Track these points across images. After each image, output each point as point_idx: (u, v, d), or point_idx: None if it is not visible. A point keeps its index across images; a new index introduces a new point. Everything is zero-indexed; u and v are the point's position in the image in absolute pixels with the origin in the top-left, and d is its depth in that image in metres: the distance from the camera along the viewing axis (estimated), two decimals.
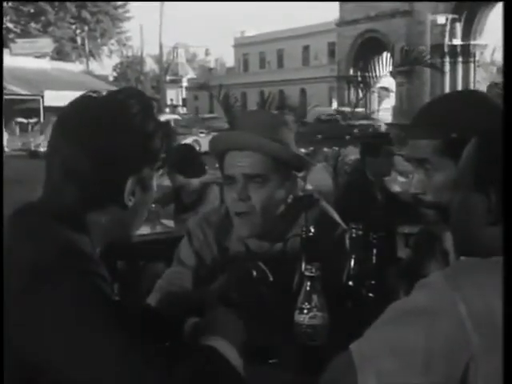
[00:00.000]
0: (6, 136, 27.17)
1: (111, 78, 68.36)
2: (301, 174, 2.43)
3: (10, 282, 1.22)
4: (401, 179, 6.15)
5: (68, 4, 60.04)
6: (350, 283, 1.86)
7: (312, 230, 1.89)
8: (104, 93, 1.48)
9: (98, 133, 1.37)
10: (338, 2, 41.83)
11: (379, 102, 36.88)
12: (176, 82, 68.32)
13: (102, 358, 1.19)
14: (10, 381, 1.23)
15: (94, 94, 1.45)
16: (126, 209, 1.42)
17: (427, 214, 1.76)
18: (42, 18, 60.66)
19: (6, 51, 41.47)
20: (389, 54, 8.52)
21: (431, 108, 1.83)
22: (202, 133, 27.87)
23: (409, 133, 1.85)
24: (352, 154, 7.51)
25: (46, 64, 48.53)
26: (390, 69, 8.39)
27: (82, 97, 1.46)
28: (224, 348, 1.38)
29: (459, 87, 32.38)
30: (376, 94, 35.20)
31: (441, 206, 1.70)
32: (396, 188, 5.50)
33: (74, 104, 1.44)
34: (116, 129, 1.39)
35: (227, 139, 2.17)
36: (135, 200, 1.43)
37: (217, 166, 2.19)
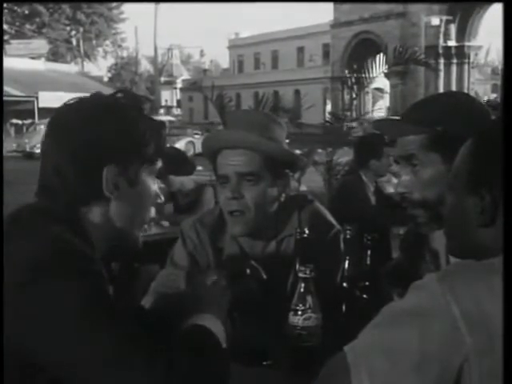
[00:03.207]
0: None
1: (106, 79, 68.33)
2: (296, 176, 2.43)
3: (10, 281, 1.21)
4: (395, 180, 6.15)
5: (62, 5, 59.99)
6: (344, 284, 1.86)
7: (306, 231, 1.89)
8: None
9: (77, 125, 1.39)
10: (332, 4, 41.88)
11: (373, 103, 36.95)
12: (170, 83, 68.36)
13: (103, 356, 1.19)
14: (8, 379, 1.23)
15: (84, 97, 1.48)
16: (110, 202, 1.41)
17: (416, 215, 1.77)
18: (37, 20, 60.62)
19: None
20: (383, 56, 8.51)
21: (418, 106, 1.84)
22: (196, 134, 27.89)
23: (395, 130, 1.86)
24: (346, 155, 7.50)
25: (40, 65, 48.49)
26: (385, 70, 8.38)
27: (72, 99, 1.48)
28: (213, 325, 1.39)
29: (453, 88, 32.44)
30: (370, 95, 35.29)
31: (429, 203, 1.72)
32: (390, 189, 5.51)
33: (64, 107, 1.46)
34: (98, 120, 1.40)
35: (219, 138, 2.17)
36: (120, 193, 1.42)
37: (212, 166, 2.19)
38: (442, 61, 34.63)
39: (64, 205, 1.38)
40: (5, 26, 57.31)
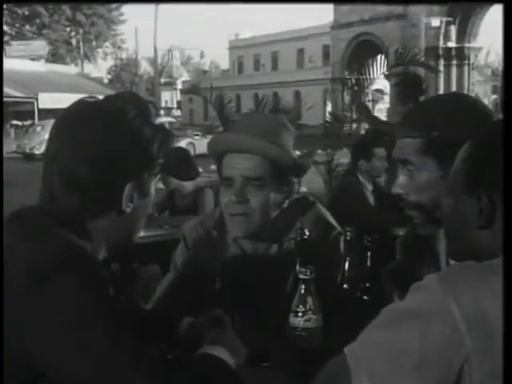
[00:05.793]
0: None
1: (106, 81, 68.37)
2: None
3: (12, 282, 1.21)
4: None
5: (62, 6, 60.02)
6: (345, 286, 1.86)
7: (306, 233, 1.89)
8: (100, 97, 1.48)
9: (95, 139, 1.37)
10: (332, 5, 41.89)
11: (373, 105, 36.92)
12: (171, 84, 68.41)
13: (106, 359, 1.19)
14: (9, 382, 1.23)
15: (91, 100, 1.46)
16: (123, 214, 1.42)
17: (413, 216, 1.77)
18: (37, 21, 60.66)
19: None
20: (383, 57, 8.51)
21: (418, 108, 1.84)
22: (196, 135, 27.91)
23: (394, 132, 1.87)
24: (346, 156, 7.50)
25: (40, 66, 48.55)
26: (385, 71, 8.38)
27: (78, 102, 1.46)
28: (223, 355, 1.40)
29: (454, 90, 32.44)
30: (370, 97, 35.26)
31: (423, 205, 1.72)
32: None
33: (71, 110, 1.44)
34: (114, 135, 1.39)
35: (227, 141, 2.13)
36: (134, 205, 1.43)
37: (211, 168, 2.18)
38: (441, 62, 34.64)
39: (73, 211, 1.37)
40: (5, 28, 57.34)
